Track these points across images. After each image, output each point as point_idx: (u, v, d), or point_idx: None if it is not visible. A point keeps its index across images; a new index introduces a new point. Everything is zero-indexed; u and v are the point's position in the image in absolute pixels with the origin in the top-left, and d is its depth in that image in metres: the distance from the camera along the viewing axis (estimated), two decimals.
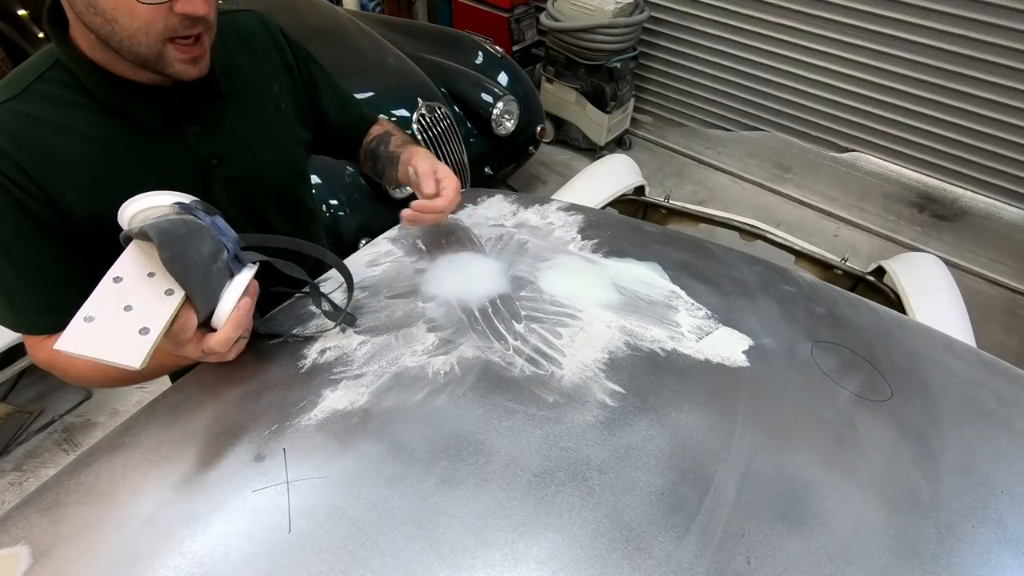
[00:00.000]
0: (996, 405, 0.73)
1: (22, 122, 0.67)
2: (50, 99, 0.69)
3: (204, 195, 0.75)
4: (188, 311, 0.59)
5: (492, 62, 2.73)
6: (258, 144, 0.84)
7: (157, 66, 0.66)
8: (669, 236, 1.02)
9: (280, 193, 0.91)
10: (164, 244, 0.56)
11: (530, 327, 0.75)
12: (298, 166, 0.94)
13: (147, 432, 0.64)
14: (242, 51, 0.82)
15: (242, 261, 0.65)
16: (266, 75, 0.85)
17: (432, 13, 3.86)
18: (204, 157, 0.78)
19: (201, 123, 0.77)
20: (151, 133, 0.73)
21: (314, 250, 0.73)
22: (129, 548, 0.52)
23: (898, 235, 2.92)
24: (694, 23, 3.15)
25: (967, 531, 0.57)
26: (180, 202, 0.61)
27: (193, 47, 0.66)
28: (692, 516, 0.55)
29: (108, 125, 0.71)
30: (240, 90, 0.81)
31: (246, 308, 0.63)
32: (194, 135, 0.77)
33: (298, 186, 0.96)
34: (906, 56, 2.62)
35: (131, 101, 0.71)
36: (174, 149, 0.76)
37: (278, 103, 0.86)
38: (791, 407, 0.68)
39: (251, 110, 0.83)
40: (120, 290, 0.57)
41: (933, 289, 1.38)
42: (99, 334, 0.54)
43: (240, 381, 0.69)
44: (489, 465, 0.58)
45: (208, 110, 0.77)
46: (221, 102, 0.79)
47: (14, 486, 1.82)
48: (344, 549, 0.51)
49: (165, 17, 0.62)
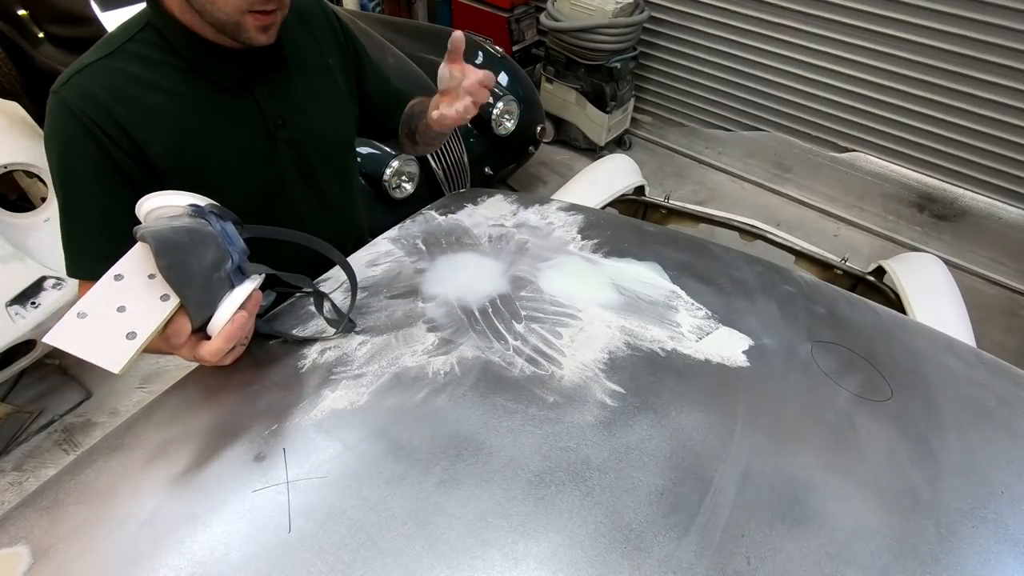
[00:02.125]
0: (996, 405, 0.73)
1: (116, 76, 0.74)
2: (141, 58, 0.76)
3: (270, 154, 0.87)
4: (182, 317, 0.60)
5: (492, 62, 2.73)
6: (316, 110, 0.91)
7: (233, 32, 0.73)
8: (669, 236, 1.02)
9: (333, 158, 0.97)
10: (161, 252, 0.56)
11: (530, 327, 0.75)
12: (349, 136, 1.02)
13: (147, 432, 0.64)
14: (301, 27, 0.89)
15: (246, 272, 0.64)
16: (322, 50, 0.92)
17: (432, 13, 3.85)
18: (272, 117, 0.85)
19: (269, 86, 0.84)
20: (227, 92, 0.81)
21: (322, 247, 0.73)
22: (129, 548, 0.52)
23: (898, 235, 2.92)
24: (694, 23, 3.15)
25: (967, 531, 0.57)
26: (195, 204, 0.61)
27: (268, 16, 0.73)
28: (692, 516, 0.55)
29: (191, 83, 0.78)
30: (301, 61, 0.88)
31: (241, 322, 0.62)
32: (264, 96, 0.84)
33: (348, 155, 1.03)
34: (906, 56, 2.62)
35: (211, 62, 0.78)
36: (246, 108, 0.83)
37: (333, 76, 0.94)
38: (791, 407, 0.68)
39: (310, 80, 0.90)
40: (118, 289, 0.57)
41: (933, 289, 1.38)
42: (87, 332, 0.55)
43: (240, 381, 0.69)
44: (489, 465, 0.58)
45: (274, 76, 0.85)
46: (285, 70, 0.86)
47: (14, 486, 1.82)
48: (344, 549, 0.51)
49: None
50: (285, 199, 0.91)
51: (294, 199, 0.92)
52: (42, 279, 1.72)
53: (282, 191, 0.91)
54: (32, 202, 2.08)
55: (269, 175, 0.88)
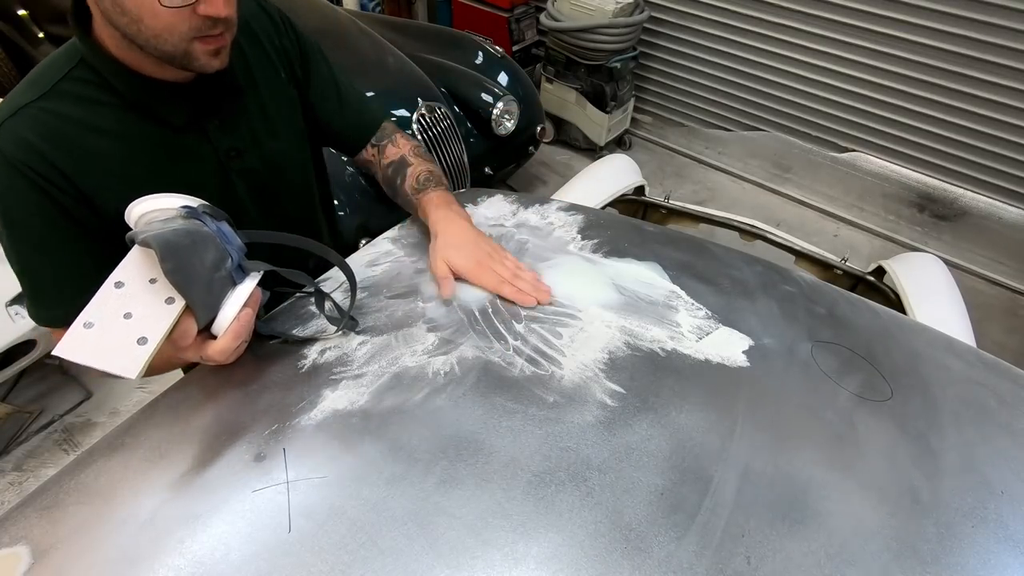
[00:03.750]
0: (996, 405, 0.73)
1: (52, 121, 0.68)
2: (76, 98, 0.69)
3: (224, 188, 0.82)
4: (188, 319, 0.59)
5: (492, 62, 2.73)
6: (272, 135, 0.85)
7: (183, 62, 0.67)
8: (669, 236, 1.02)
9: (293, 178, 0.92)
10: (166, 256, 0.55)
11: (530, 327, 0.75)
12: (309, 154, 0.95)
13: (147, 432, 0.64)
14: (249, 41, 0.82)
15: (246, 270, 0.64)
16: (272, 62, 0.85)
17: (432, 13, 3.86)
18: (224, 151, 0.80)
19: (220, 118, 0.79)
20: (174, 130, 0.75)
21: (319, 249, 0.72)
22: (129, 548, 0.52)
23: (898, 235, 2.92)
24: (694, 23, 3.15)
25: (967, 531, 0.57)
26: (187, 205, 0.61)
27: (217, 40, 0.67)
28: (692, 516, 0.55)
29: (133, 123, 0.72)
30: (253, 82, 0.82)
31: (247, 319, 0.62)
32: (215, 130, 0.79)
33: (309, 176, 0.97)
34: (906, 56, 2.62)
35: (156, 99, 0.72)
36: (197, 144, 0.78)
37: (286, 90, 0.87)
38: (791, 407, 0.68)
39: (264, 101, 0.84)
40: (121, 296, 0.56)
41: (933, 289, 1.38)
42: (97, 341, 0.54)
43: (240, 381, 0.69)
44: (489, 465, 0.58)
45: (227, 106, 0.79)
46: (238, 97, 0.80)
47: (14, 486, 1.82)
48: (344, 549, 0.51)
49: (188, 18, 0.63)
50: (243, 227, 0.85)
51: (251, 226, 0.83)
52: None
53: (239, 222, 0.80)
54: None
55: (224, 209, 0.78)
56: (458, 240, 0.82)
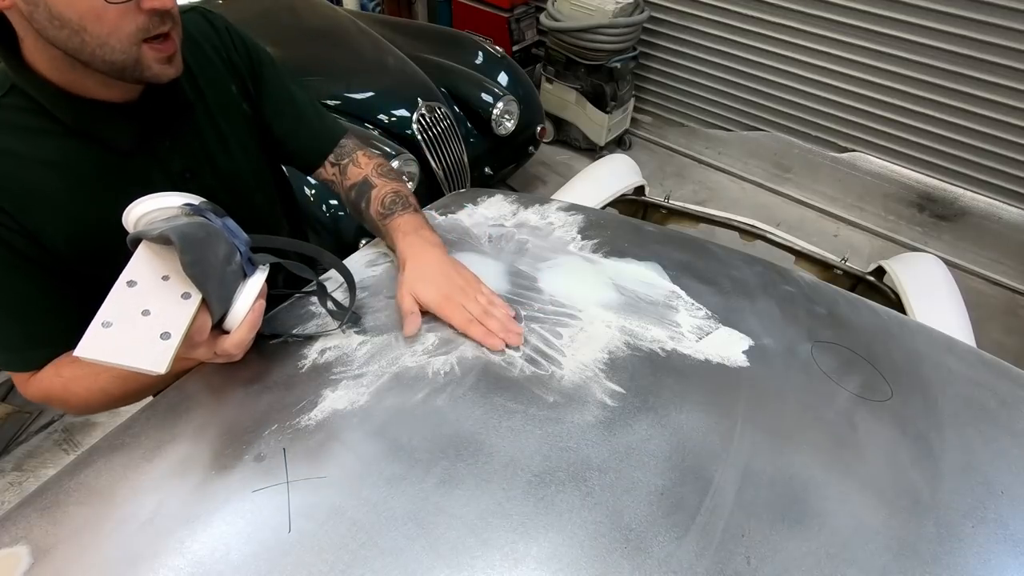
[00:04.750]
0: (996, 405, 0.73)
1: None
2: (10, 128, 0.64)
3: None
4: (204, 314, 0.58)
5: (492, 62, 2.73)
6: (226, 151, 0.81)
7: (135, 72, 0.63)
8: (669, 236, 1.02)
9: (254, 199, 0.88)
10: (186, 248, 0.54)
11: (530, 327, 0.75)
12: (269, 166, 0.91)
13: (147, 432, 0.64)
14: (196, 55, 0.78)
15: (254, 263, 0.65)
16: (222, 77, 0.81)
17: (432, 13, 3.86)
18: (177, 172, 0.76)
19: (172, 138, 0.74)
20: (122, 154, 0.70)
21: (311, 250, 0.72)
22: (129, 548, 0.52)
23: (898, 235, 2.92)
24: (694, 23, 3.15)
25: (967, 531, 0.57)
26: (190, 203, 0.61)
27: (166, 44, 0.63)
28: (692, 516, 0.55)
29: (75, 150, 0.67)
30: (202, 97, 0.78)
31: (260, 310, 0.62)
32: (166, 151, 0.74)
33: (270, 190, 0.92)
34: (906, 56, 2.62)
35: (99, 122, 0.67)
36: (146, 167, 0.73)
37: (239, 105, 0.83)
38: (791, 407, 0.68)
39: (216, 117, 0.79)
40: (136, 294, 0.55)
41: (933, 289, 1.38)
42: (119, 339, 0.53)
43: (240, 381, 0.69)
44: (489, 465, 0.58)
45: (177, 124, 0.75)
46: (188, 113, 0.76)
47: (14, 486, 1.82)
48: (344, 549, 0.51)
49: (134, 17, 0.59)
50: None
51: None
52: None
53: None
54: None
55: None
56: (427, 272, 0.76)
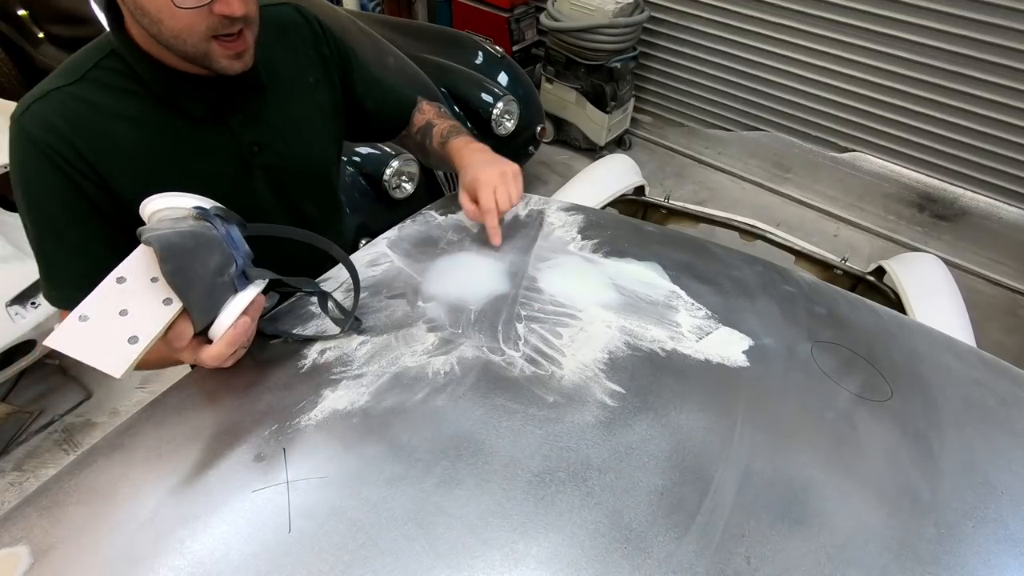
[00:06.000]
0: (996, 405, 0.73)
1: (79, 106, 0.71)
2: (105, 86, 0.72)
3: (244, 181, 0.84)
4: (184, 321, 0.59)
5: (492, 62, 2.73)
6: (295, 134, 0.87)
7: (204, 63, 0.69)
8: (669, 236, 1.02)
9: (313, 180, 0.94)
10: (166, 257, 0.55)
11: (530, 327, 0.75)
12: (330, 157, 0.97)
13: (147, 432, 0.64)
14: (281, 44, 0.85)
15: (250, 277, 0.64)
16: (303, 67, 0.88)
17: (432, 13, 3.85)
18: (246, 145, 0.82)
19: (244, 113, 0.80)
20: (196, 122, 0.77)
21: (325, 245, 0.72)
22: (129, 548, 0.52)
23: (898, 235, 2.92)
24: (694, 23, 3.15)
25: (967, 531, 0.57)
26: (200, 207, 0.61)
27: (236, 43, 0.69)
28: (692, 516, 0.55)
29: (157, 113, 0.74)
30: (279, 83, 0.84)
31: (243, 327, 0.62)
32: (238, 124, 0.80)
33: (329, 178, 0.99)
34: (906, 56, 2.62)
35: (179, 91, 0.74)
36: (218, 137, 0.79)
37: (313, 94, 0.89)
38: (791, 407, 0.68)
39: (289, 102, 0.86)
40: (121, 292, 0.56)
41: (933, 289, 1.38)
42: (89, 336, 0.54)
43: (240, 381, 0.69)
44: (489, 465, 0.58)
45: (250, 101, 0.81)
46: (262, 94, 0.82)
47: (14, 486, 1.82)
48: (344, 549, 0.51)
49: (206, 18, 0.65)
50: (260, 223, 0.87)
51: (270, 221, 0.86)
52: None
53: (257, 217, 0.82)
54: None
55: (243, 202, 0.81)
56: (472, 168, 0.90)
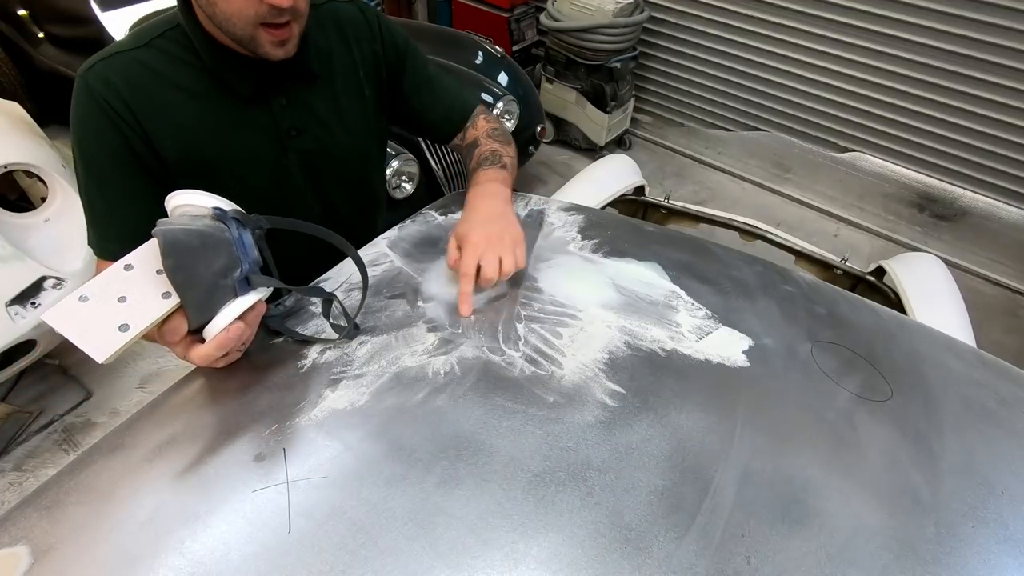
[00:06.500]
0: (996, 405, 0.73)
1: (138, 69, 0.78)
2: (166, 54, 0.80)
3: (279, 162, 0.89)
4: (180, 317, 0.61)
5: (492, 62, 2.73)
6: (336, 124, 0.91)
7: (249, 46, 0.75)
8: (669, 236, 1.02)
9: (347, 173, 0.98)
10: (169, 252, 0.57)
11: (530, 327, 0.75)
12: (369, 153, 1.01)
13: (147, 432, 0.64)
14: (338, 38, 0.90)
15: (252, 284, 0.64)
16: (355, 62, 0.92)
17: (432, 13, 3.86)
18: (285, 128, 0.87)
19: (288, 97, 0.86)
20: (242, 99, 0.83)
21: (337, 241, 0.73)
22: (129, 548, 0.52)
23: (898, 235, 2.92)
24: (694, 23, 3.15)
25: (967, 531, 0.57)
26: (219, 208, 0.62)
27: (281, 31, 0.74)
28: (692, 516, 0.55)
29: (208, 86, 0.81)
30: (330, 74, 0.89)
31: (236, 332, 0.62)
32: (280, 107, 0.85)
33: (366, 170, 1.03)
34: (906, 56, 2.62)
35: (228, 69, 0.81)
36: (260, 116, 0.85)
37: (362, 89, 0.94)
38: (791, 407, 0.68)
39: (336, 93, 0.90)
40: (125, 279, 0.58)
41: (933, 289, 1.38)
42: (84, 317, 0.55)
43: (240, 381, 0.69)
44: (489, 465, 0.58)
45: (296, 87, 0.86)
46: (311, 82, 0.87)
47: (14, 486, 1.82)
48: (344, 549, 0.51)
49: (255, 6, 0.70)
50: (290, 206, 0.90)
51: (300, 207, 0.92)
52: (42, 279, 1.72)
53: (288, 198, 0.91)
54: (32, 202, 2.08)
55: (276, 181, 0.89)
56: (471, 217, 0.86)
